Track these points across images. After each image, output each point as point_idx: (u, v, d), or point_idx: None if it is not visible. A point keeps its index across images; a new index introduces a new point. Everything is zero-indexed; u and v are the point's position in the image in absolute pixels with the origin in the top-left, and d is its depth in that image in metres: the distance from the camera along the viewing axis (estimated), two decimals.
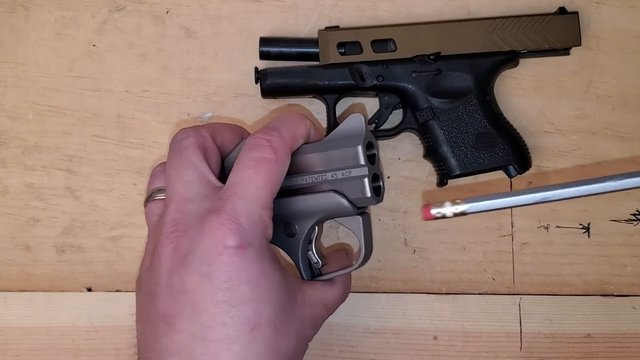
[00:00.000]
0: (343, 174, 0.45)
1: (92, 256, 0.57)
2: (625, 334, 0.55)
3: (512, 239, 0.56)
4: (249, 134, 0.49)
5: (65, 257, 0.57)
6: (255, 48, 0.56)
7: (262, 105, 0.58)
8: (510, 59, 0.55)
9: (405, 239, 0.56)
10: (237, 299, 0.40)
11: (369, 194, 0.45)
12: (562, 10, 0.55)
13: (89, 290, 0.57)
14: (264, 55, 0.55)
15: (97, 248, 0.57)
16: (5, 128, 0.58)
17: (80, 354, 0.56)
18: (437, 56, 0.54)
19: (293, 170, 0.46)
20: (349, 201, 0.45)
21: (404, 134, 0.56)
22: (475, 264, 0.56)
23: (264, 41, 0.55)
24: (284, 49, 0.55)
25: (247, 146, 0.44)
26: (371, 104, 0.57)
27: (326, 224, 0.56)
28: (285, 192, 0.46)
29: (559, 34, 0.54)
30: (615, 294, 0.56)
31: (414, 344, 0.55)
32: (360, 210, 0.47)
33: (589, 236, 0.56)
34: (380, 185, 0.47)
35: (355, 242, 0.56)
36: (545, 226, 0.56)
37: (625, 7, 0.57)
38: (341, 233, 0.56)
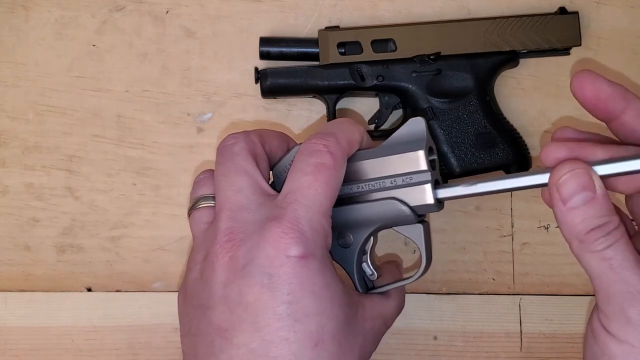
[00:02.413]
0: (403, 180, 0.43)
1: (92, 256, 0.57)
2: None
3: (512, 239, 0.56)
4: (295, 142, 0.48)
5: (65, 257, 0.57)
6: (255, 48, 0.56)
7: (262, 105, 0.58)
8: (510, 59, 0.55)
9: (405, 239, 0.56)
10: (301, 312, 0.38)
11: (431, 201, 0.43)
12: (562, 10, 0.55)
13: (89, 290, 0.57)
14: (264, 55, 0.55)
15: (97, 248, 0.57)
16: (5, 128, 0.58)
17: (80, 354, 0.56)
18: (437, 56, 0.54)
19: (348, 177, 0.44)
20: (410, 208, 0.43)
21: None
22: (475, 264, 0.56)
23: (264, 41, 0.56)
24: (284, 49, 0.55)
25: (303, 152, 0.42)
26: (371, 104, 0.57)
27: None
28: (339, 200, 0.43)
29: (559, 34, 0.54)
30: None
31: (414, 344, 0.55)
32: (421, 218, 0.45)
33: None
34: None
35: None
36: (546, 226, 0.56)
37: (625, 7, 0.57)
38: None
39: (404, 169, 0.43)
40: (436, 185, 0.43)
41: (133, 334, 0.56)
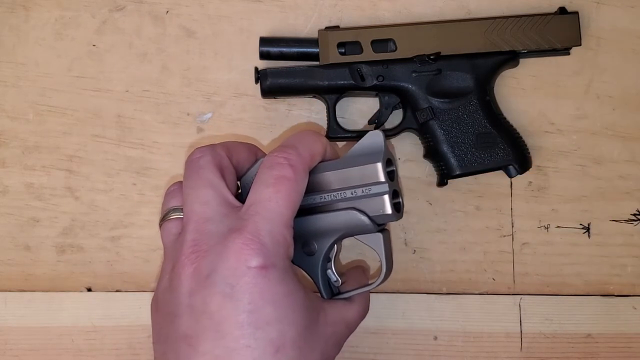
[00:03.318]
0: (363, 191, 0.45)
1: (92, 256, 0.57)
2: (625, 334, 0.55)
3: (513, 239, 0.56)
4: (264, 153, 0.49)
5: (65, 257, 0.57)
6: (255, 48, 0.56)
7: (262, 105, 0.58)
8: (510, 59, 0.55)
9: (405, 239, 0.56)
10: (262, 320, 0.40)
11: (389, 211, 0.44)
12: (562, 10, 0.55)
13: (89, 290, 0.57)
14: (264, 55, 0.55)
15: (97, 248, 0.57)
16: (5, 128, 0.58)
17: (80, 354, 0.56)
18: (437, 56, 0.54)
19: (311, 188, 0.45)
20: (370, 218, 0.45)
21: (404, 134, 0.56)
22: (476, 264, 0.56)
23: (264, 41, 0.55)
24: (284, 49, 0.55)
25: (265, 165, 0.44)
26: (371, 104, 0.57)
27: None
28: (304, 210, 0.45)
29: (559, 34, 0.54)
30: (616, 294, 0.56)
31: (414, 344, 0.55)
32: (380, 227, 0.46)
33: (589, 236, 0.56)
34: (400, 202, 0.46)
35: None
36: (546, 226, 0.56)
37: (625, 7, 0.57)
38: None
39: (363, 181, 0.45)
40: (395, 195, 0.45)
41: (133, 334, 0.56)
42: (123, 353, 0.56)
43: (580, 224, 0.56)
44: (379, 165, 0.44)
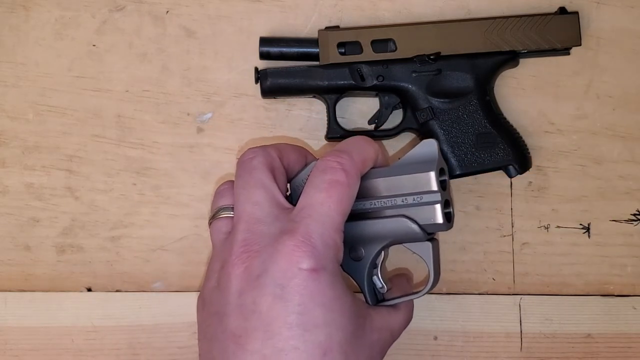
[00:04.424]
0: (414, 199, 0.45)
1: (92, 256, 0.57)
2: (625, 334, 0.55)
3: (513, 239, 0.56)
4: (313, 157, 0.49)
5: (65, 257, 0.57)
6: (255, 48, 0.56)
7: (262, 105, 0.58)
8: (510, 59, 0.55)
9: None
10: (311, 322, 0.40)
11: (440, 220, 0.44)
12: (562, 10, 0.55)
13: (89, 290, 0.57)
14: (264, 55, 0.55)
15: (97, 248, 0.57)
16: (5, 128, 0.58)
17: (80, 354, 0.56)
18: (437, 56, 0.54)
19: (361, 194, 0.45)
20: (420, 227, 0.45)
21: (404, 134, 0.56)
22: (476, 264, 0.56)
23: (264, 41, 0.55)
24: (284, 49, 0.55)
25: (318, 168, 0.44)
26: (371, 104, 0.57)
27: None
28: (353, 216, 0.45)
29: (559, 34, 0.54)
30: (616, 294, 0.56)
31: (414, 344, 0.55)
32: (430, 236, 0.46)
33: (589, 236, 0.56)
34: (450, 212, 0.46)
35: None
36: (546, 226, 0.56)
37: (625, 7, 0.57)
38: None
39: (415, 189, 0.45)
40: (446, 205, 0.45)
41: (133, 334, 0.56)
42: (123, 353, 0.56)
43: (580, 224, 0.56)
44: (432, 174, 0.44)
